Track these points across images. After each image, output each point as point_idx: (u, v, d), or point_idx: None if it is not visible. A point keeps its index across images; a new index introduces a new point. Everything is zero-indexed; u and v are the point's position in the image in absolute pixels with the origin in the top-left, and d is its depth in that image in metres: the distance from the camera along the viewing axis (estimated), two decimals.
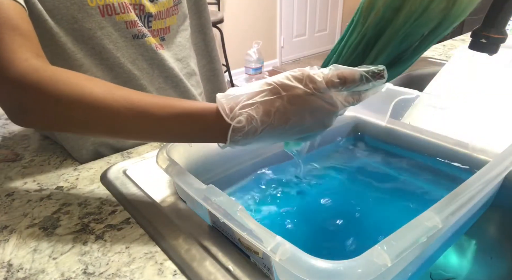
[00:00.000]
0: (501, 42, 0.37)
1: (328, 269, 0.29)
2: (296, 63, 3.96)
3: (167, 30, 0.68)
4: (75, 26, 0.57)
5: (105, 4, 0.57)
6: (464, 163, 0.59)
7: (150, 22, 0.65)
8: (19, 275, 0.40)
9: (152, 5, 0.64)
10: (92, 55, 0.60)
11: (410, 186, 0.59)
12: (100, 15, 0.57)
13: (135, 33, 0.62)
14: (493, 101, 0.69)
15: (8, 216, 0.49)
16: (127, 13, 0.60)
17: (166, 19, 0.67)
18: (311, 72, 0.39)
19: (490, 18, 0.36)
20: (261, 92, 0.39)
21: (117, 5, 0.58)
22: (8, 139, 0.71)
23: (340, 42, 0.46)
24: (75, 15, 0.56)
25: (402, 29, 0.40)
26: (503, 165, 0.42)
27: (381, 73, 0.39)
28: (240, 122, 0.38)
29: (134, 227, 0.46)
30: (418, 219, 0.34)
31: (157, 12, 0.65)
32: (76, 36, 0.57)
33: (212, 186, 0.39)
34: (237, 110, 0.38)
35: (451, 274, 0.48)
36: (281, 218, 0.52)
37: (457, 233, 0.49)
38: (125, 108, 0.41)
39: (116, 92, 0.42)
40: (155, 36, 0.66)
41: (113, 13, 0.58)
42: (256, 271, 0.38)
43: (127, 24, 0.60)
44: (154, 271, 0.39)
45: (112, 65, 0.62)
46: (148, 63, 0.65)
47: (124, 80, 0.64)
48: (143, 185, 0.53)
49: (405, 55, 0.43)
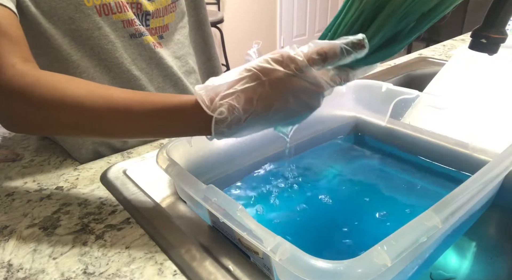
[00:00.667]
0: (501, 42, 0.37)
1: (328, 269, 0.29)
2: None
3: (165, 28, 0.68)
4: (72, 27, 0.57)
5: (101, 4, 0.57)
6: (464, 163, 0.59)
7: (148, 21, 0.65)
8: (19, 275, 0.40)
9: (149, 3, 0.64)
10: (90, 56, 0.60)
11: (410, 186, 0.59)
12: (97, 15, 0.57)
13: (132, 33, 0.62)
14: (493, 101, 0.69)
15: (8, 216, 0.49)
16: (124, 12, 0.60)
17: (164, 17, 0.67)
18: (291, 52, 0.37)
19: (490, 18, 0.36)
20: (240, 79, 0.38)
21: (114, 5, 0.58)
22: (8, 139, 0.71)
23: (336, 19, 0.44)
24: (72, 16, 0.56)
25: (403, 7, 0.38)
26: (503, 165, 0.42)
27: (360, 42, 0.37)
28: (222, 113, 0.37)
29: (134, 227, 0.46)
30: (418, 219, 0.34)
31: (154, 10, 0.65)
32: (73, 37, 0.57)
33: (212, 186, 0.39)
34: (218, 101, 0.37)
35: (451, 274, 0.48)
36: (281, 218, 0.52)
37: (457, 233, 0.49)
38: (106, 108, 0.41)
39: (97, 92, 0.42)
40: (153, 35, 0.66)
41: (110, 12, 0.58)
42: (256, 271, 0.38)
43: (124, 24, 0.60)
44: (154, 271, 0.39)
45: (111, 65, 0.62)
46: (146, 62, 0.65)
47: (123, 80, 0.63)
48: (143, 185, 0.53)
49: (401, 35, 0.41)
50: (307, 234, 0.50)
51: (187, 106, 0.40)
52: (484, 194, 0.41)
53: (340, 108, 0.73)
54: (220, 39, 2.89)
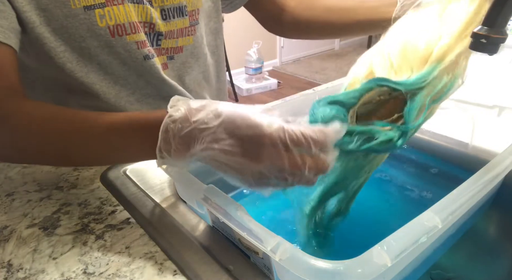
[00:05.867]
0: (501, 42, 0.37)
1: (328, 269, 0.29)
2: (296, 63, 3.97)
3: (179, 49, 0.66)
4: (83, 45, 0.56)
5: (115, 25, 0.56)
6: (464, 163, 0.59)
7: (160, 41, 0.63)
8: (19, 275, 0.40)
9: (164, 23, 0.62)
10: (96, 70, 0.59)
11: (410, 186, 0.59)
12: (110, 36, 0.56)
13: (146, 54, 0.60)
14: (493, 101, 0.69)
15: (8, 216, 0.49)
16: (137, 33, 0.58)
17: (178, 38, 0.65)
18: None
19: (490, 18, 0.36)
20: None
21: (128, 25, 0.57)
22: None
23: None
24: (83, 35, 0.55)
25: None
26: (503, 165, 0.42)
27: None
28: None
29: (134, 227, 0.46)
30: (418, 219, 0.34)
31: (167, 31, 0.63)
32: (82, 54, 0.57)
33: (212, 186, 0.39)
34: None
35: (451, 274, 0.48)
36: (281, 217, 0.52)
37: (457, 233, 0.49)
38: (70, 131, 0.42)
39: (60, 116, 0.43)
40: (163, 55, 0.64)
41: (123, 33, 0.57)
42: (256, 271, 0.38)
43: (138, 45, 0.59)
44: (154, 271, 0.39)
45: (117, 78, 0.61)
46: (152, 84, 0.64)
47: (127, 93, 0.63)
48: (143, 185, 0.53)
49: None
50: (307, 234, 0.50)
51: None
52: (484, 194, 0.41)
53: None
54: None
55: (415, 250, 0.32)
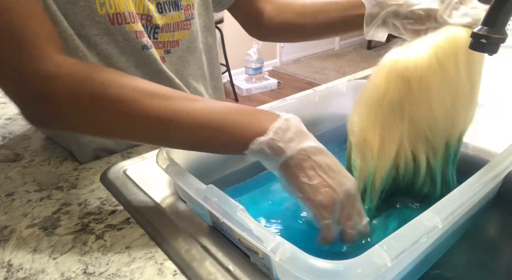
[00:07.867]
0: (501, 42, 0.37)
1: (328, 269, 0.29)
2: (296, 63, 3.97)
3: (175, 43, 0.67)
4: (82, 33, 0.56)
5: (115, 13, 0.56)
6: (464, 163, 0.59)
7: (157, 34, 0.63)
8: (19, 275, 0.40)
9: (160, 16, 0.63)
10: (95, 61, 0.59)
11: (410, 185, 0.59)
12: (110, 23, 0.56)
13: (144, 44, 0.60)
14: (493, 101, 0.69)
15: (8, 216, 0.49)
16: (136, 22, 0.59)
17: (174, 32, 0.66)
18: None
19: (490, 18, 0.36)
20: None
21: (128, 15, 0.57)
22: (8, 139, 0.71)
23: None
24: (83, 22, 0.55)
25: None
26: (503, 165, 0.42)
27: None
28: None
29: (134, 227, 0.46)
30: (418, 219, 0.34)
31: (164, 24, 0.63)
32: (82, 41, 0.57)
33: (212, 186, 0.39)
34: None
35: (451, 274, 0.48)
36: (281, 217, 0.52)
37: (457, 233, 0.49)
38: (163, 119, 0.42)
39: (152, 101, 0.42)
40: (160, 48, 0.65)
41: (123, 22, 0.57)
42: (256, 271, 0.38)
43: (136, 34, 0.59)
44: (154, 271, 0.39)
45: (116, 69, 0.61)
46: (150, 75, 0.64)
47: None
48: (143, 185, 0.53)
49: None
50: (308, 234, 0.50)
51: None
52: (484, 194, 0.41)
53: (340, 108, 0.73)
54: (220, 39, 2.89)
55: (415, 250, 0.32)
